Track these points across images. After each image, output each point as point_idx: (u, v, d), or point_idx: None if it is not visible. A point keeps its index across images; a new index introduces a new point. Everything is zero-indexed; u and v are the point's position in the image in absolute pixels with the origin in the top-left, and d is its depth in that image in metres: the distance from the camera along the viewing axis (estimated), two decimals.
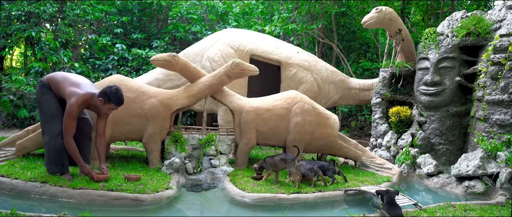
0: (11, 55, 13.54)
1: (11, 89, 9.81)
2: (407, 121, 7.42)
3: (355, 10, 13.90)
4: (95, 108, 4.86)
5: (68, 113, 4.53)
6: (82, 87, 4.76)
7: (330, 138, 6.41)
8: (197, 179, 5.62)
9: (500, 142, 5.81)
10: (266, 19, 14.39)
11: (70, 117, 4.54)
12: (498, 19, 6.63)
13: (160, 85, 8.32)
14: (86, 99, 4.68)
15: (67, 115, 4.53)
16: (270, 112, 6.14)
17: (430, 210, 4.38)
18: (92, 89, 4.83)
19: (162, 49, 12.20)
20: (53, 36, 10.85)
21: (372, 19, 7.79)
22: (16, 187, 4.42)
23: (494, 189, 5.24)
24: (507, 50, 6.01)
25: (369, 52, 13.98)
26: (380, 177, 6.03)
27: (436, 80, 7.02)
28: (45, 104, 4.78)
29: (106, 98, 4.70)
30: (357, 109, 13.30)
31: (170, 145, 6.00)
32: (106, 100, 4.71)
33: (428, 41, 7.25)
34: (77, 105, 4.57)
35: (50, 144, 4.72)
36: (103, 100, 4.71)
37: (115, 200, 4.26)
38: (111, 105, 4.76)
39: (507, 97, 5.97)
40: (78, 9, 11.62)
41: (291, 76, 8.72)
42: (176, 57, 5.98)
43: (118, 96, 4.76)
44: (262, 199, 4.65)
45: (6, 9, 10.48)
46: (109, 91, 4.71)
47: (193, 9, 13.28)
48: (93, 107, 4.87)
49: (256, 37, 9.05)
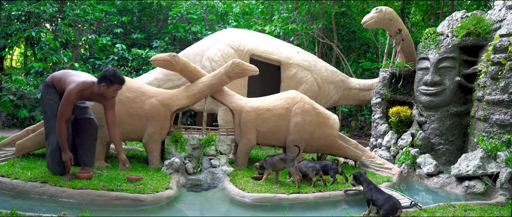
0: (11, 55, 13.55)
1: (11, 89, 9.81)
2: (407, 121, 7.42)
3: (355, 10, 13.90)
4: (99, 97, 4.85)
5: (65, 97, 4.55)
6: (82, 77, 4.82)
7: (330, 138, 6.41)
8: (197, 179, 5.62)
9: (500, 142, 5.81)
10: (266, 19, 14.38)
11: (66, 102, 4.55)
12: (498, 19, 6.63)
13: (160, 85, 8.32)
14: (86, 87, 4.69)
15: (64, 100, 4.55)
16: (270, 112, 6.14)
17: (430, 210, 4.38)
18: (92, 79, 4.87)
19: (162, 49, 12.20)
20: (53, 36, 10.85)
21: (372, 19, 7.80)
22: (16, 187, 4.43)
23: (494, 189, 5.24)
24: (507, 50, 6.01)
25: (369, 52, 13.98)
26: (380, 177, 6.04)
27: (436, 80, 7.02)
28: (48, 103, 4.79)
29: (108, 81, 4.73)
30: (357, 109, 13.30)
31: (170, 145, 6.01)
32: (108, 83, 4.73)
33: (428, 41, 7.25)
34: (75, 91, 4.58)
35: (53, 144, 4.72)
36: (106, 85, 4.73)
37: (115, 200, 4.26)
38: (115, 86, 4.79)
39: (507, 97, 5.96)
40: (78, 9, 11.63)
41: (291, 76, 8.72)
42: (176, 57, 5.98)
43: (118, 76, 4.78)
44: (262, 199, 4.65)
45: (6, 9, 10.48)
46: (108, 74, 4.73)
47: (193, 9, 13.28)
48: (97, 97, 4.86)
49: (256, 37, 9.05)
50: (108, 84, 4.73)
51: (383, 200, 4.12)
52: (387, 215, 4.01)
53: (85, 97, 4.83)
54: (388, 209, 4.02)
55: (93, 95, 4.82)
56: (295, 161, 5.21)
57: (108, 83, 4.73)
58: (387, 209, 4.02)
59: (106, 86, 4.73)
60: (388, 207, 4.03)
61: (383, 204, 4.08)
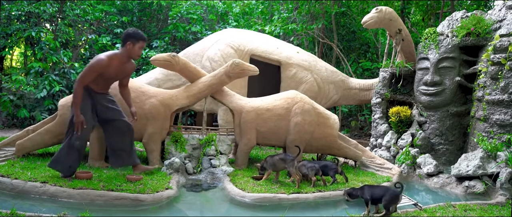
0: (11, 55, 13.55)
1: (11, 89, 9.81)
2: (407, 121, 7.42)
3: (355, 10, 13.90)
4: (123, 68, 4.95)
5: (92, 64, 4.66)
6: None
7: (330, 138, 6.41)
8: (197, 179, 5.62)
9: (500, 142, 5.81)
10: (266, 19, 14.38)
11: (91, 69, 4.64)
12: (498, 19, 6.63)
13: (160, 85, 8.32)
14: (114, 57, 4.81)
15: (91, 66, 4.65)
16: (270, 112, 6.14)
17: (430, 210, 4.38)
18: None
19: (162, 49, 12.20)
20: (53, 36, 10.85)
21: (372, 19, 7.80)
22: (16, 187, 4.42)
23: (494, 189, 5.24)
24: (507, 50, 6.01)
25: (369, 52, 13.98)
26: (380, 177, 6.03)
27: (436, 80, 7.02)
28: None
29: (132, 39, 4.84)
30: (357, 109, 13.30)
31: (170, 145, 6.01)
32: (134, 40, 4.85)
33: (428, 41, 7.25)
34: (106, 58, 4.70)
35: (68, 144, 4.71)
36: (132, 43, 4.84)
37: (115, 200, 4.26)
38: (140, 43, 4.91)
39: (507, 97, 5.96)
40: (78, 9, 11.63)
41: (291, 76, 8.72)
42: (176, 57, 5.98)
43: (139, 32, 4.93)
44: (262, 199, 4.65)
45: (6, 9, 10.48)
46: (130, 33, 4.88)
47: (193, 9, 13.28)
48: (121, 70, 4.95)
49: (256, 37, 9.05)
50: (134, 41, 4.85)
51: (380, 192, 4.13)
52: (389, 205, 4.02)
53: (112, 71, 4.85)
54: (388, 199, 4.03)
55: (119, 66, 4.88)
56: (295, 161, 5.21)
57: (134, 41, 4.85)
58: (388, 200, 4.03)
59: (132, 44, 4.84)
60: (388, 198, 4.04)
61: (382, 195, 4.08)
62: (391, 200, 4.03)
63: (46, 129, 5.70)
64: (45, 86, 9.68)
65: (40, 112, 9.68)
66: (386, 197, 4.04)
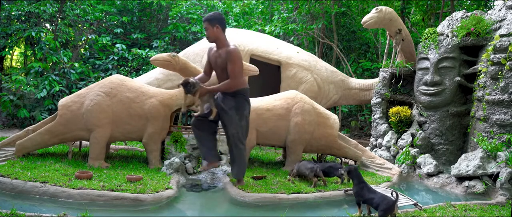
0: (11, 55, 13.53)
1: (11, 89, 9.80)
2: (407, 121, 7.42)
3: (355, 10, 13.90)
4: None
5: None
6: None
7: (330, 138, 6.41)
8: (197, 179, 5.62)
9: (500, 142, 5.81)
10: (266, 19, 14.38)
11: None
12: (498, 19, 6.63)
13: (160, 85, 8.31)
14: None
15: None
16: (270, 112, 6.14)
17: (430, 210, 4.38)
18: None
19: (162, 49, 12.19)
20: (53, 36, 10.85)
21: (372, 19, 7.80)
22: (16, 187, 4.42)
23: (494, 189, 5.24)
24: (507, 50, 6.01)
25: (369, 52, 13.98)
26: (380, 177, 6.04)
27: (436, 80, 7.02)
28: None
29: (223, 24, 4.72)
30: (357, 109, 13.30)
31: (170, 145, 6.01)
32: (223, 26, 4.73)
33: (428, 41, 7.25)
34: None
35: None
36: (221, 27, 4.73)
37: (115, 200, 4.26)
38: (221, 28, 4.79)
39: (507, 97, 5.96)
40: (78, 9, 11.62)
41: (291, 76, 8.71)
42: (176, 57, 5.98)
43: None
44: (262, 199, 4.65)
45: (6, 9, 10.47)
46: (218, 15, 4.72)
47: (193, 9, 13.28)
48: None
49: (256, 37, 9.05)
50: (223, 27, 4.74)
51: (378, 199, 3.98)
52: (385, 214, 3.89)
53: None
54: (384, 209, 3.87)
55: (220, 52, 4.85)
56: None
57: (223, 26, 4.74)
58: (384, 209, 3.87)
59: (221, 29, 4.74)
60: (384, 207, 3.88)
61: (379, 204, 3.93)
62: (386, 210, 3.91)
63: (46, 129, 5.70)
64: (45, 86, 9.68)
65: (40, 112, 9.68)
66: (382, 206, 3.90)
